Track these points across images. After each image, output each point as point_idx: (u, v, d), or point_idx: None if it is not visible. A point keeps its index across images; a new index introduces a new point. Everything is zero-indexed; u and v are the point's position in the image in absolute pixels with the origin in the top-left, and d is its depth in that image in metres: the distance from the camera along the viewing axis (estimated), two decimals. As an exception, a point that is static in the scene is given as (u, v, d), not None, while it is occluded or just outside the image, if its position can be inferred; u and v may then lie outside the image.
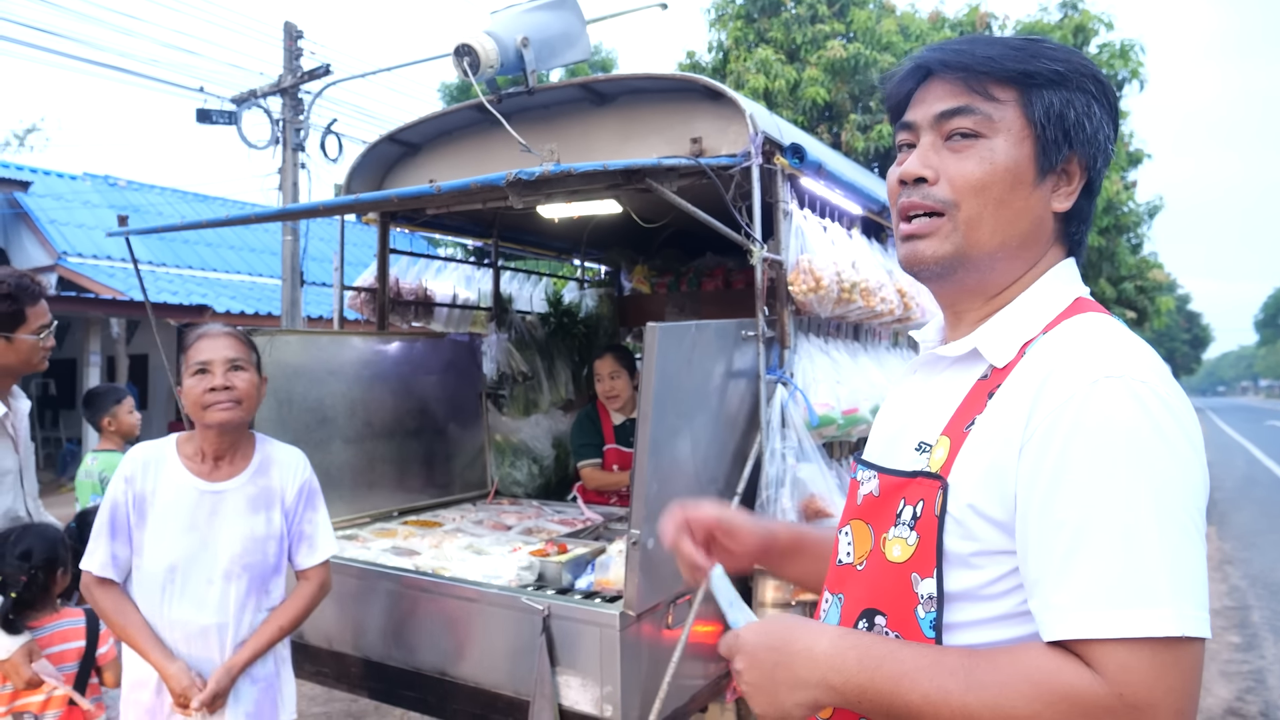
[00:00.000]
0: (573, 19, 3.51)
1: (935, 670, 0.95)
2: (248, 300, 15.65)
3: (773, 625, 1.10)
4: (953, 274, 1.12)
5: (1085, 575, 0.90)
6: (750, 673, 1.07)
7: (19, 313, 2.73)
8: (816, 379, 3.15)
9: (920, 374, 1.24)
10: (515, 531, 3.62)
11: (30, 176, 16.82)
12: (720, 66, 14.03)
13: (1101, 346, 1.00)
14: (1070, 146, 1.10)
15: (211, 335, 2.41)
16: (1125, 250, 13.67)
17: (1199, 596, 0.89)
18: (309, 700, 4.88)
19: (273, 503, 2.47)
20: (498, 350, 5.03)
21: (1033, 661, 0.92)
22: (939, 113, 1.11)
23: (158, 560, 2.34)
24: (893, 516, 1.10)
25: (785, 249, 3.11)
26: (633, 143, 3.54)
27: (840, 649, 1.01)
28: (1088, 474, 0.92)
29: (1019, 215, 1.10)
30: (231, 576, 2.38)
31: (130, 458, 2.40)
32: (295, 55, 13.38)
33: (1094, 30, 12.65)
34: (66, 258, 15.05)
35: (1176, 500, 0.91)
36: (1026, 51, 1.10)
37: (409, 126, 4.07)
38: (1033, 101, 1.09)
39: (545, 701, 2.56)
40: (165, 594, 2.34)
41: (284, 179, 13.58)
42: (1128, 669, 0.87)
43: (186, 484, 2.38)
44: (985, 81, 1.09)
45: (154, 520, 2.35)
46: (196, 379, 2.34)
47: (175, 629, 2.34)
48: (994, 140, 1.09)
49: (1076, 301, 1.11)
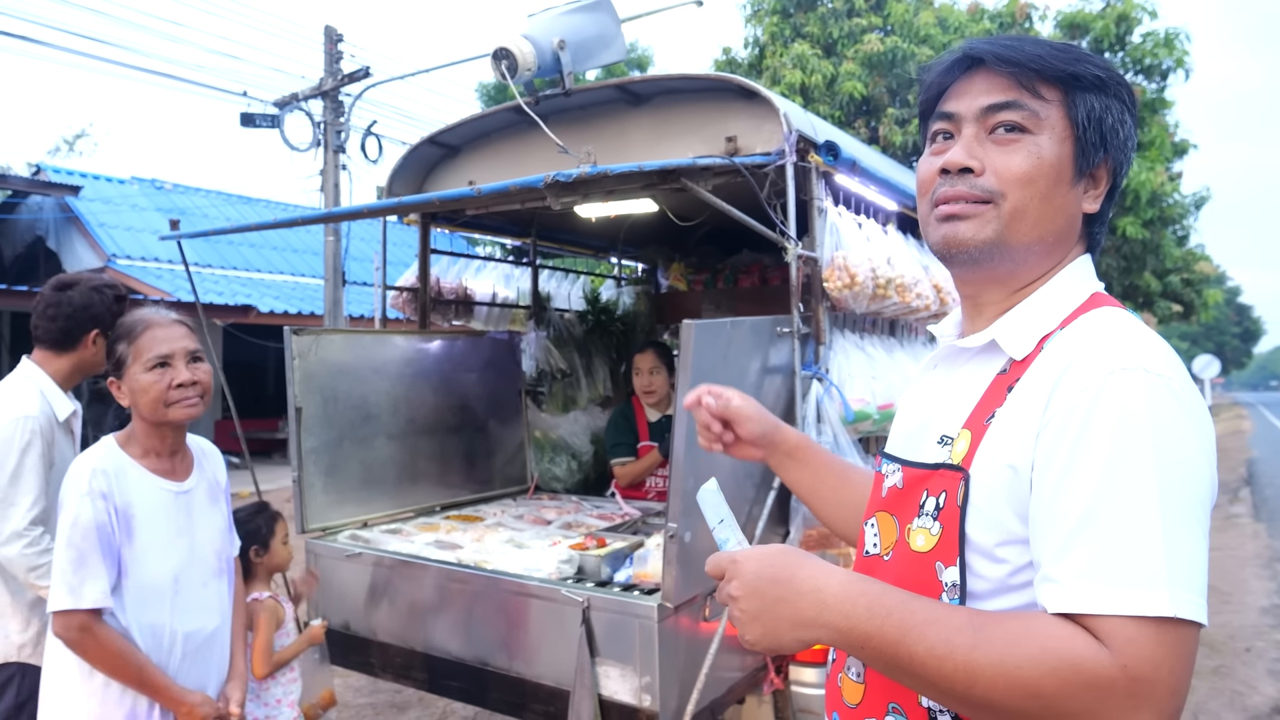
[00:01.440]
0: (608, 20, 3.55)
1: (943, 625, 0.97)
2: (291, 300, 15.93)
3: (776, 557, 1.08)
4: (989, 260, 1.14)
5: (1091, 551, 0.93)
6: (748, 601, 1.06)
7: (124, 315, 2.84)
8: (852, 374, 3.17)
9: (941, 368, 1.27)
10: (555, 526, 3.68)
11: (80, 181, 17.24)
12: (756, 62, 14.00)
13: (1118, 340, 1.03)
14: (1104, 150, 1.14)
15: (161, 324, 2.24)
16: (1171, 243, 13.42)
17: (1199, 583, 0.92)
18: (354, 691, 4.99)
19: (218, 493, 2.42)
20: (537, 348, 5.10)
21: (1044, 628, 0.94)
22: (987, 105, 1.13)
23: (160, 572, 2.18)
24: (916, 508, 1.13)
25: (820, 246, 3.13)
26: (668, 142, 3.57)
27: (851, 595, 1.02)
28: (1100, 459, 0.95)
29: (1058, 211, 1.13)
30: (218, 574, 2.34)
31: (95, 471, 2.13)
32: (336, 58, 13.59)
33: (1137, 19, 12.42)
34: (116, 260, 15.41)
35: (1184, 489, 0.94)
36: (1071, 54, 1.13)
37: (448, 129, 4.14)
38: (1076, 103, 1.12)
39: (585, 692, 2.61)
40: (173, 606, 2.20)
41: (325, 180, 13.80)
42: (1134, 643, 0.90)
43: (159, 488, 2.23)
44: (1035, 79, 1.12)
45: (142, 533, 2.16)
46: (156, 373, 2.18)
47: (188, 641, 2.22)
48: (1039, 137, 1.12)
49: (1093, 296, 1.14)
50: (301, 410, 3.50)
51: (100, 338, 2.83)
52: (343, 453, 3.66)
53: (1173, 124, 13.00)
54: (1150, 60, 12.44)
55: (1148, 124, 12.28)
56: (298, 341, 3.49)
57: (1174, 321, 16.22)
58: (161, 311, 2.30)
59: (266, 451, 15.06)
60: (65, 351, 2.82)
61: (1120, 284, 13.00)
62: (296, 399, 3.48)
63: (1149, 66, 12.50)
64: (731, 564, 1.10)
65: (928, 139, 1.22)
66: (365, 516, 3.74)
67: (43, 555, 2.55)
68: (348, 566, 3.31)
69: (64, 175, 17.77)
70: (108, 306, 2.84)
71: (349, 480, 3.68)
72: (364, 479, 3.76)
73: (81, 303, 2.82)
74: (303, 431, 3.48)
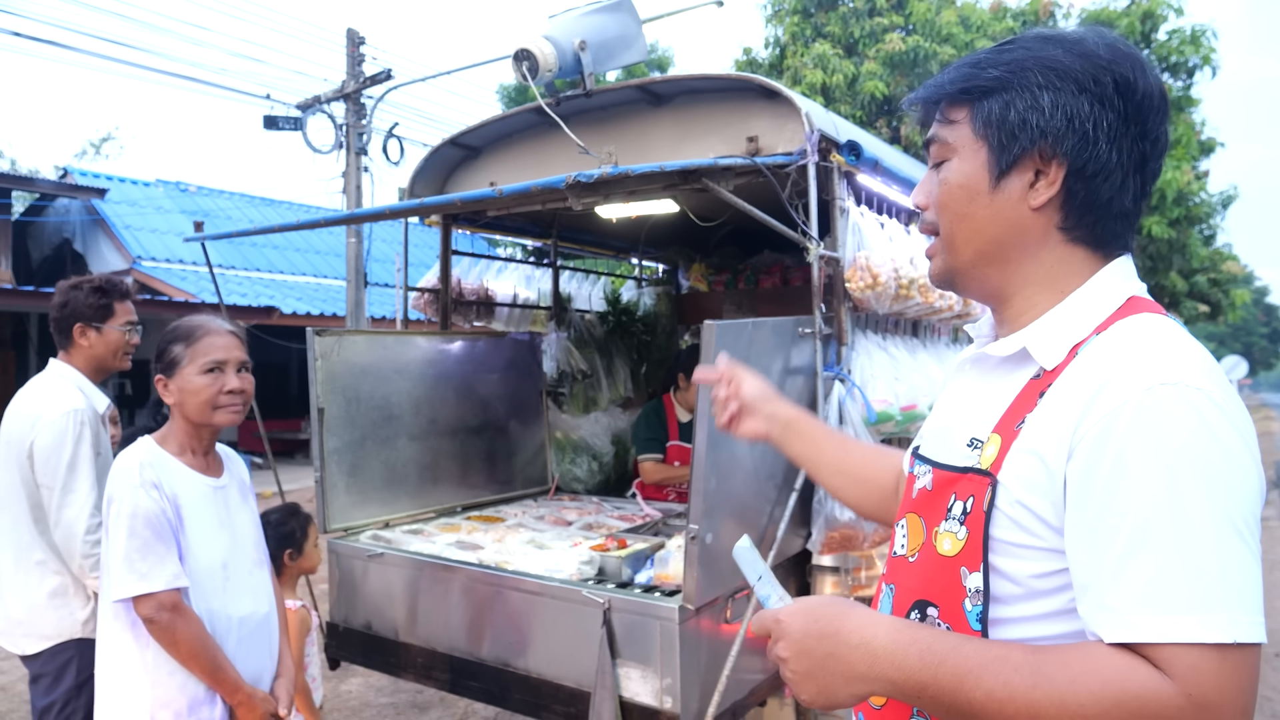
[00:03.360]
0: (629, 21, 3.55)
1: (1000, 666, 0.95)
2: (313, 301, 16.04)
3: (819, 611, 1.07)
4: (954, 287, 1.22)
5: (1143, 578, 0.91)
6: (798, 661, 1.05)
7: (108, 306, 3.00)
8: (874, 375, 3.15)
9: (972, 370, 1.26)
10: (576, 527, 3.68)
11: (106, 184, 17.46)
12: (777, 62, 13.97)
13: (1155, 351, 0.99)
14: (1023, 144, 1.09)
15: (218, 332, 2.35)
16: (1197, 242, 13.28)
17: (1255, 602, 0.90)
18: (376, 690, 5.02)
19: (248, 491, 2.51)
20: (557, 349, 5.11)
21: (1103, 661, 0.92)
22: (924, 144, 1.21)
23: (211, 558, 2.27)
24: (944, 511, 1.12)
25: (842, 246, 3.11)
26: (689, 142, 3.56)
27: (901, 644, 1.00)
28: (1143, 480, 0.92)
29: (985, 223, 1.14)
30: (261, 564, 2.44)
31: (144, 464, 2.22)
32: (358, 61, 13.67)
33: (1163, 16, 12.31)
34: (141, 262, 15.59)
35: (1232, 506, 0.92)
36: (967, 69, 1.14)
37: (469, 130, 4.15)
38: (975, 114, 1.13)
39: (606, 693, 2.61)
40: (226, 592, 2.29)
41: (347, 182, 13.89)
42: (1196, 670, 0.88)
43: (200, 482, 2.32)
44: (942, 109, 1.17)
45: (191, 521, 2.25)
46: (209, 377, 2.28)
47: (242, 626, 2.30)
48: (952, 161, 1.16)
49: (1130, 301, 1.10)
50: (324, 411, 3.52)
51: (88, 329, 2.97)
52: (365, 453, 3.68)
53: (1199, 122, 12.87)
54: (1176, 58, 12.32)
55: (1174, 122, 12.15)
56: (320, 342, 3.51)
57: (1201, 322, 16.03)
58: (217, 320, 2.40)
59: (289, 452, 15.18)
60: (69, 349, 2.98)
61: (1146, 283, 12.84)
62: (319, 399, 3.50)
63: (1175, 64, 12.38)
64: (776, 624, 1.09)
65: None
66: (387, 517, 3.75)
67: (96, 547, 2.66)
68: (370, 567, 3.32)
69: (90, 178, 18.00)
70: (84, 300, 2.97)
71: (371, 480, 3.70)
72: (386, 479, 3.78)
73: (60, 302, 2.98)
74: (325, 432, 3.50)
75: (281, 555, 2.95)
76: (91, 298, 2.98)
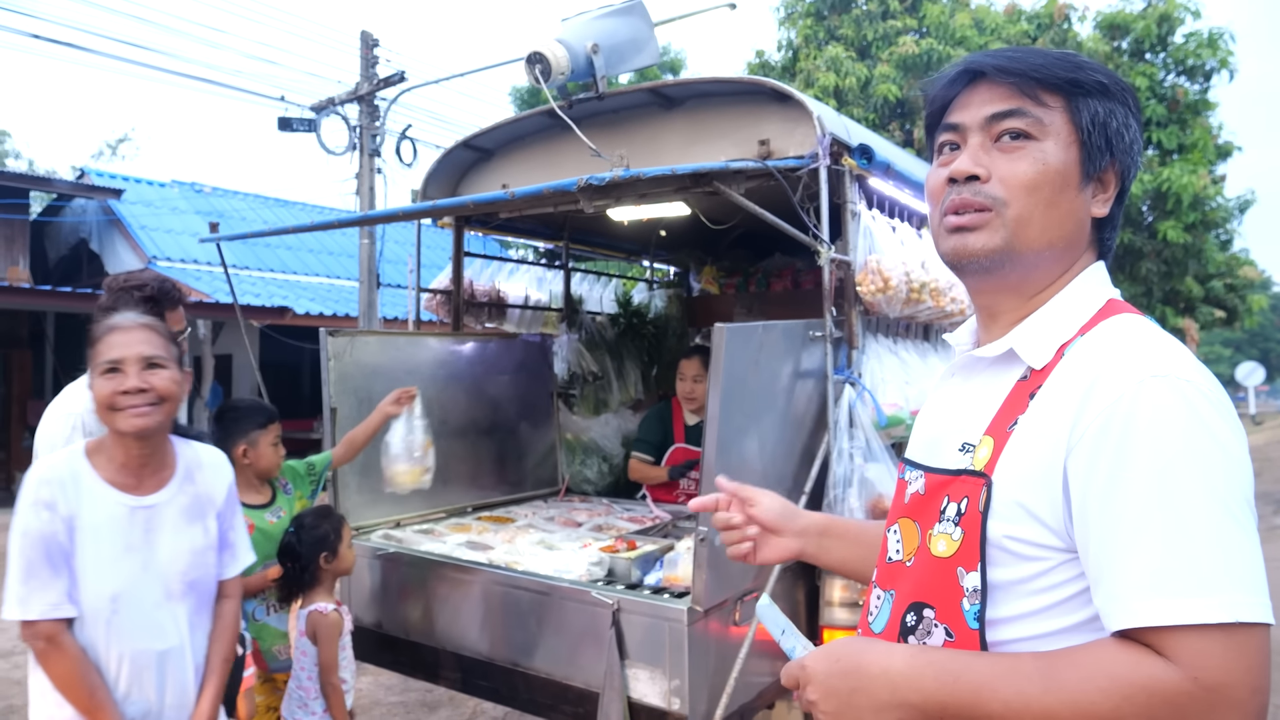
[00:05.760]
0: (641, 25, 3.56)
1: (1013, 676, 0.98)
2: (326, 302, 16.13)
3: (839, 651, 1.11)
4: (999, 269, 1.15)
5: (1146, 566, 0.93)
6: (826, 702, 1.08)
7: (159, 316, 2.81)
8: (885, 379, 3.15)
9: (959, 376, 1.27)
10: (586, 528, 3.69)
11: (122, 184, 17.58)
12: (790, 65, 13.98)
13: (1142, 347, 1.03)
14: (1110, 154, 1.14)
15: (124, 328, 2.09)
16: (1214, 247, 13.20)
17: (1258, 583, 0.92)
18: (386, 689, 5.04)
19: (206, 510, 2.23)
20: (568, 350, 5.12)
21: (1109, 656, 0.94)
22: (990, 114, 1.14)
23: (99, 591, 2.04)
24: (938, 513, 1.13)
25: (853, 249, 3.11)
26: (701, 145, 3.57)
27: (916, 668, 1.04)
28: (1143, 470, 0.95)
29: (1065, 217, 1.14)
30: (177, 595, 2.13)
31: (42, 481, 2.04)
32: (371, 63, 13.74)
33: (1179, 19, 12.25)
34: (156, 262, 15.68)
35: (1230, 492, 0.94)
36: (1072, 61, 1.14)
37: (482, 133, 4.17)
38: (1079, 109, 1.13)
39: (614, 693, 2.62)
40: (110, 626, 2.05)
41: (361, 184, 13.96)
42: (1201, 653, 0.90)
43: (112, 501, 2.07)
44: (1036, 87, 1.13)
45: (84, 547, 2.03)
46: (106, 379, 2.03)
47: (124, 663, 2.06)
48: (1044, 143, 1.12)
49: (1109, 304, 1.14)
50: (336, 410, 3.54)
51: None
52: (376, 453, 3.70)
53: (1216, 126, 12.79)
54: (1193, 61, 12.25)
55: (1190, 126, 12.10)
56: (333, 343, 3.53)
57: (1217, 328, 15.94)
58: (131, 315, 2.16)
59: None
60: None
61: (1161, 289, 12.80)
62: (331, 399, 3.53)
63: (1192, 67, 12.32)
64: (801, 670, 1.12)
65: (935, 151, 1.24)
66: (398, 516, 3.77)
67: None
68: (380, 565, 3.34)
69: (107, 179, 18.13)
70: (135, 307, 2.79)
71: (382, 480, 3.72)
72: (397, 479, 3.80)
73: (108, 306, 2.83)
74: (337, 431, 3.53)
75: (317, 559, 2.94)
76: (143, 307, 2.80)
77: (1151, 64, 12.27)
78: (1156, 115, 11.81)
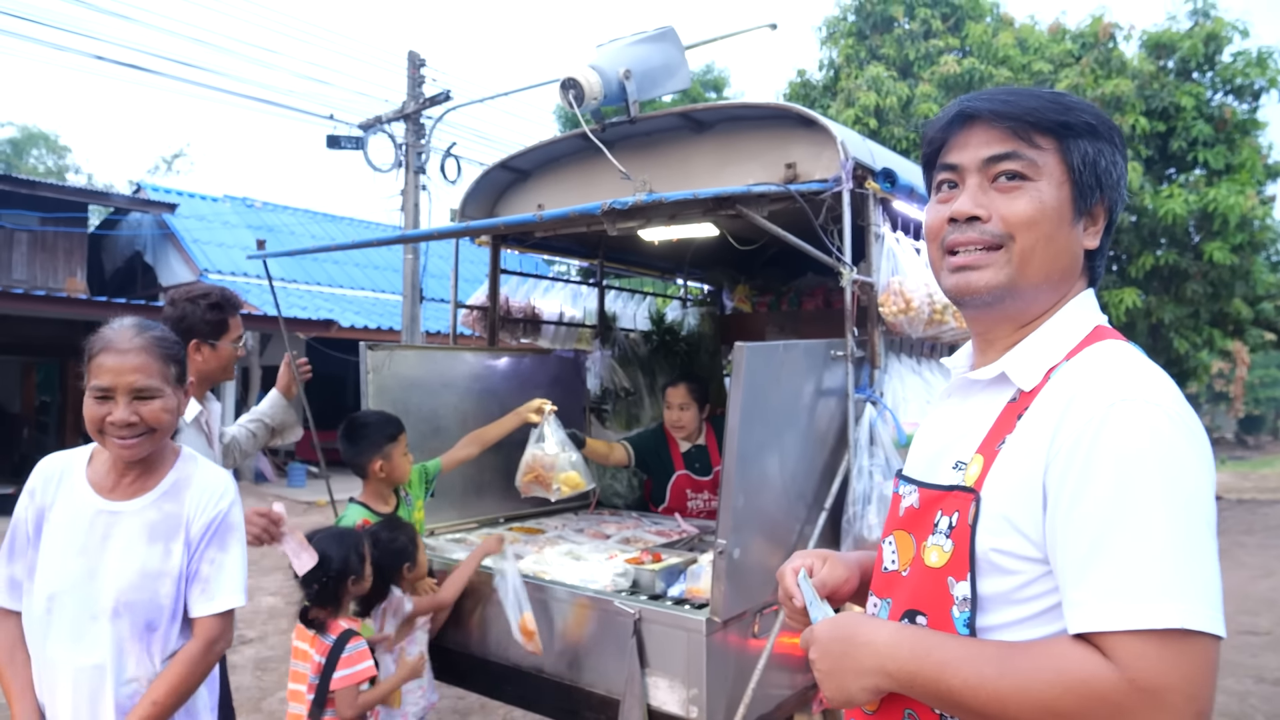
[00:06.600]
0: (673, 51, 3.65)
1: (975, 659, 1.08)
2: (371, 315, 16.43)
3: (841, 620, 1.25)
4: (1000, 302, 1.23)
5: (1102, 574, 1.00)
6: (822, 661, 1.22)
7: (223, 322, 3.03)
8: (907, 399, 3.20)
9: (955, 398, 1.36)
10: (613, 540, 3.76)
11: (177, 199, 18.13)
12: (831, 84, 13.99)
13: (1119, 373, 1.11)
14: (1100, 190, 1.22)
15: (115, 350, 1.97)
16: (1262, 268, 12.94)
17: (1209, 595, 0.98)
18: (420, 696, 5.13)
19: (175, 533, 2.05)
20: (602, 366, 5.21)
21: (1060, 652, 1.03)
22: (988, 157, 1.22)
23: (41, 588, 2.00)
24: (931, 526, 1.22)
25: (876, 271, 3.17)
26: (730, 168, 3.65)
27: (896, 641, 1.16)
28: (1106, 486, 1.02)
29: (1062, 251, 1.22)
30: (114, 615, 1.99)
31: (38, 469, 2.08)
32: (418, 82, 14.05)
33: (1227, 38, 12.07)
34: (207, 274, 16.12)
35: (1188, 509, 1.01)
36: (1062, 104, 1.21)
37: (519, 154, 4.29)
38: (1070, 150, 1.20)
39: (635, 701, 2.69)
40: (44, 628, 1.99)
41: (406, 200, 14.24)
42: (1139, 657, 0.97)
43: (84, 501, 2.03)
44: (1030, 130, 1.20)
45: (46, 541, 2.02)
46: (98, 404, 1.96)
47: (55, 669, 1.99)
48: (1039, 183, 1.20)
49: (1096, 330, 1.22)
50: (374, 422, 3.65)
51: (203, 345, 2.97)
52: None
53: (1265, 146, 12.56)
54: (1241, 80, 12.06)
55: (1238, 146, 11.89)
56: (373, 356, 3.66)
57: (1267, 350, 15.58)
58: (127, 331, 2.02)
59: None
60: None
61: (1209, 310, 12.57)
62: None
63: (1240, 87, 12.12)
64: (809, 633, 1.28)
65: (933, 188, 1.32)
66: (431, 525, 3.87)
67: None
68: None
69: (162, 193, 18.71)
70: (202, 316, 2.96)
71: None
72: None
73: (176, 315, 2.93)
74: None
75: (400, 569, 3.05)
76: (209, 314, 2.95)
77: (1199, 83, 12.09)
78: (1203, 135, 11.63)
